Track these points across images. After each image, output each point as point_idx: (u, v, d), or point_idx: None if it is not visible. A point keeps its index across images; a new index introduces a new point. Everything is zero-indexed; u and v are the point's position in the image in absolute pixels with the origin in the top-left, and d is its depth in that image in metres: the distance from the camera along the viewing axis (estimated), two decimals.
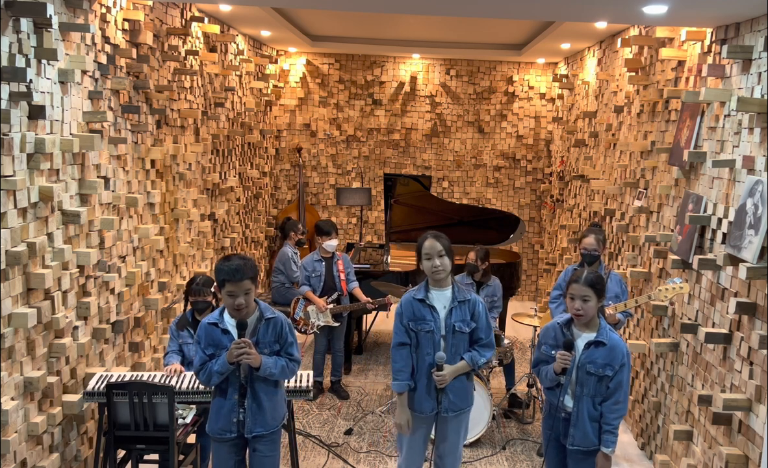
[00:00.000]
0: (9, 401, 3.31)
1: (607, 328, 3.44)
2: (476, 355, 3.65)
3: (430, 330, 3.58)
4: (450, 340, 3.60)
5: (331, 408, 5.78)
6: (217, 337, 3.31)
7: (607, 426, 3.38)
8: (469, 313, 3.63)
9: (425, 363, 3.61)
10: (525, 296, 9.62)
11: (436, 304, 3.61)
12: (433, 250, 3.56)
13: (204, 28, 6.07)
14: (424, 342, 3.60)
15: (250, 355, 3.21)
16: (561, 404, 3.47)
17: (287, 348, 3.38)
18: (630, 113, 5.88)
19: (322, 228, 5.96)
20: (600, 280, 3.42)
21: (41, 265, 3.57)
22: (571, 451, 3.48)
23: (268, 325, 3.35)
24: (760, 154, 3.63)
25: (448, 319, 3.59)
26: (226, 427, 3.35)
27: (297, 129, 9.44)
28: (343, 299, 6.00)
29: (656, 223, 5.11)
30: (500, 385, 6.21)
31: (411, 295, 3.65)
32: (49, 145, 3.51)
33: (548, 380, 3.50)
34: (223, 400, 3.36)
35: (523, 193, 9.54)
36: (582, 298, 3.38)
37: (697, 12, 3.95)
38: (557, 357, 3.40)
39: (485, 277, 5.83)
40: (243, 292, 3.21)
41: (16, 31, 3.29)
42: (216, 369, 3.25)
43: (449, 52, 8.86)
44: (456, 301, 3.61)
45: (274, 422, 3.41)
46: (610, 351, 3.37)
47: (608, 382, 3.37)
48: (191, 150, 5.90)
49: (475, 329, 3.65)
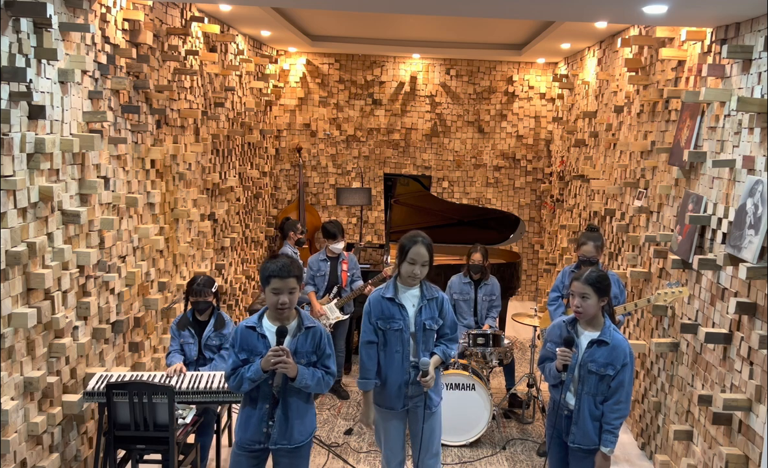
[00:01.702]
0: (9, 401, 3.31)
1: (611, 328, 3.44)
2: (446, 349, 3.72)
3: (399, 328, 3.61)
4: (420, 338, 3.64)
5: (331, 408, 5.78)
6: (252, 343, 3.19)
7: (608, 426, 3.38)
8: (437, 310, 3.67)
9: (394, 360, 3.64)
10: (525, 296, 9.62)
11: (405, 302, 3.64)
12: (419, 258, 3.58)
13: (204, 28, 6.07)
14: (392, 340, 3.63)
15: (287, 364, 3.09)
16: (563, 401, 3.49)
17: (324, 360, 3.27)
18: (630, 113, 5.88)
19: (328, 230, 5.97)
20: (602, 279, 3.41)
21: (41, 265, 3.57)
22: (572, 449, 3.49)
23: (307, 334, 3.24)
24: (760, 154, 3.62)
25: (418, 317, 3.63)
26: (255, 438, 3.21)
27: (297, 129, 9.44)
28: (344, 291, 6.01)
29: (656, 223, 5.11)
30: (500, 385, 6.21)
31: (379, 294, 3.68)
32: (49, 145, 3.51)
33: (551, 377, 3.51)
34: (253, 410, 3.23)
35: (523, 193, 9.54)
36: (581, 296, 3.40)
37: (697, 12, 3.95)
38: (557, 353, 3.41)
39: (484, 276, 5.84)
40: (288, 290, 3.13)
41: (16, 31, 3.29)
42: (248, 375, 3.12)
43: (449, 52, 8.87)
44: (425, 299, 3.65)
45: (300, 437, 3.27)
46: (612, 350, 3.38)
47: (609, 382, 3.37)
48: (191, 150, 5.90)
49: (442, 326, 3.70)
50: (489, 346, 5.41)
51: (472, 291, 5.87)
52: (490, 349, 5.41)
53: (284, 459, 3.28)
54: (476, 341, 5.43)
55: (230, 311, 7.41)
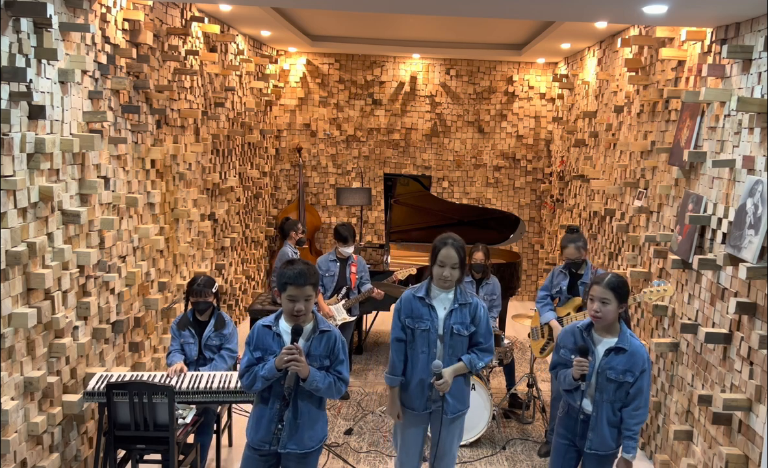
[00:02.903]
0: (9, 401, 3.31)
1: (629, 334, 3.35)
2: (475, 358, 3.61)
3: (427, 328, 3.56)
4: (447, 342, 3.57)
5: (331, 408, 5.78)
6: (268, 342, 3.19)
7: (628, 432, 3.32)
8: (469, 317, 3.59)
9: (419, 361, 3.59)
10: (525, 296, 9.62)
11: (436, 303, 3.59)
12: (449, 260, 3.52)
13: (204, 28, 6.08)
14: (419, 340, 3.58)
15: (300, 363, 3.07)
16: (580, 407, 3.40)
17: (337, 365, 3.23)
18: (630, 113, 5.88)
19: (340, 233, 5.96)
20: (623, 285, 3.32)
21: (41, 265, 3.57)
22: (587, 454, 3.43)
23: (321, 337, 3.21)
24: (760, 154, 3.63)
25: (447, 321, 3.57)
26: (266, 438, 3.18)
27: (297, 129, 9.44)
28: (352, 293, 6.01)
29: (656, 223, 5.11)
30: (500, 385, 6.21)
31: (412, 292, 3.64)
32: (49, 145, 3.51)
33: (567, 384, 3.42)
34: (265, 409, 3.20)
35: (523, 193, 9.54)
36: (601, 301, 3.30)
37: (697, 12, 3.95)
38: (574, 364, 3.33)
39: (485, 275, 5.84)
40: (304, 297, 3.12)
41: (16, 31, 3.29)
42: (262, 374, 3.12)
43: (449, 52, 8.87)
44: (457, 303, 3.58)
45: (310, 442, 3.23)
46: (630, 357, 3.30)
47: (628, 388, 3.31)
48: (191, 150, 5.90)
49: (475, 333, 3.61)
50: None
51: (474, 291, 5.86)
52: None
53: (292, 464, 3.25)
54: None
55: (230, 311, 7.41)
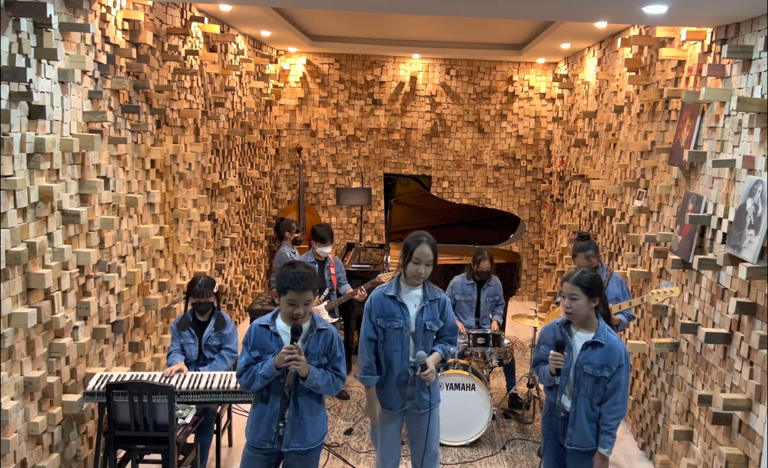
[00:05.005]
0: (9, 401, 3.31)
1: (606, 329, 3.40)
2: (446, 346, 3.72)
3: (399, 327, 3.61)
4: (420, 338, 3.64)
5: (331, 408, 5.78)
6: (266, 341, 3.23)
7: (605, 427, 3.37)
8: (438, 312, 3.68)
9: (393, 359, 3.64)
10: (525, 296, 9.62)
11: (407, 301, 3.64)
12: (424, 257, 3.58)
13: (204, 28, 6.07)
14: (392, 339, 3.63)
15: (300, 362, 3.11)
16: (558, 404, 3.46)
17: (334, 362, 3.30)
18: (630, 113, 5.88)
19: (317, 233, 5.96)
20: (591, 280, 3.36)
21: (41, 265, 3.57)
22: (569, 451, 3.47)
23: (319, 336, 3.26)
24: (760, 154, 3.62)
25: (420, 318, 3.63)
26: (266, 437, 3.21)
27: (297, 129, 9.44)
28: (333, 295, 6.01)
29: (656, 223, 5.11)
30: (500, 385, 6.21)
31: (381, 291, 3.68)
32: (49, 145, 3.51)
33: (546, 380, 3.50)
34: (265, 408, 3.23)
35: (523, 193, 9.54)
36: (570, 296, 3.37)
37: (697, 12, 3.95)
38: (550, 358, 3.40)
39: (487, 278, 5.85)
40: (303, 302, 3.15)
41: (16, 31, 3.29)
42: (261, 373, 3.15)
43: (449, 52, 8.86)
44: (427, 300, 3.65)
45: (313, 439, 3.28)
46: (607, 352, 3.35)
47: (606, 383, 3.35)
48: (191, 150, 5.90)
49: (442, 328, 3.71)
50: (489, 346, 5.42)
51: (475, 292, 5.87)
52: (490, 349, 5.42)
53: (296, 461, 3.27)
54: (476, 341, 5.43)
55: (230, 311, 7.41)
